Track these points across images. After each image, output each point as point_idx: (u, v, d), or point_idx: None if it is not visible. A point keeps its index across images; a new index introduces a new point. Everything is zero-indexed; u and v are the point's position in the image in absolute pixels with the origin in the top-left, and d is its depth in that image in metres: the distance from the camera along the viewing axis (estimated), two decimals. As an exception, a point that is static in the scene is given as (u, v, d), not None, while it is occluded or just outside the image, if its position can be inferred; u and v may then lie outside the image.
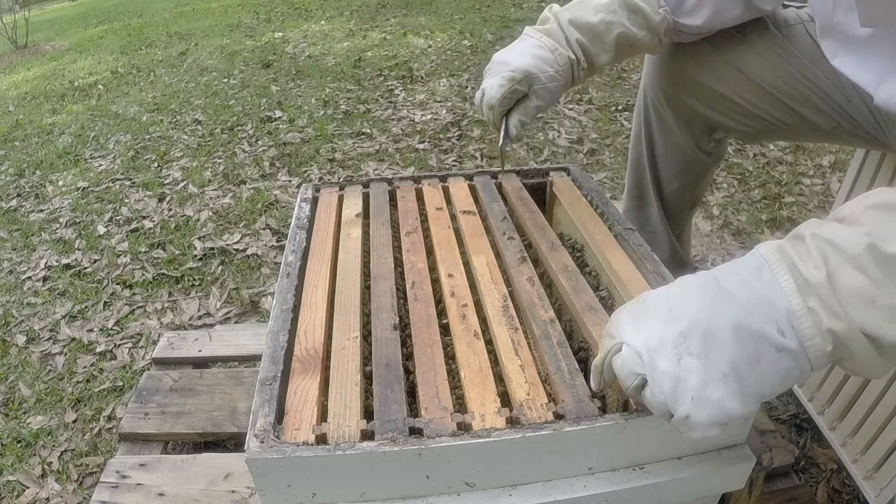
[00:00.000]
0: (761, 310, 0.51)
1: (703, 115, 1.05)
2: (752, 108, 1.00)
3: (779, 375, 0.52)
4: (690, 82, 1.03)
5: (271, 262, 1.89)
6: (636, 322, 0.55)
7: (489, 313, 0.76)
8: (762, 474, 0.66)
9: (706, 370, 0.51)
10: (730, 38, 0.99)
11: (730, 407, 0.51)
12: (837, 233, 0.52)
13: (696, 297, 0.54)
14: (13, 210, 2.42)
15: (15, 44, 5.89)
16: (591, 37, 0.94)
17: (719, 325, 0.51)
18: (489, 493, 0.60)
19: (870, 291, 0.49)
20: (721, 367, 0.51)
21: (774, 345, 0.51)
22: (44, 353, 1.62)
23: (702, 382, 0.51)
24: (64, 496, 1.22)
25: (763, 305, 0.52)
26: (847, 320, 0.49)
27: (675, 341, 0.52)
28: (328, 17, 5.27)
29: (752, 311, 0.51)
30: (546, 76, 0.92)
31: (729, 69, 0.99)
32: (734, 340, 0.51)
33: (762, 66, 0.97)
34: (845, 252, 0.50)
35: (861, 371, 0.53)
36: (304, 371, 0.67)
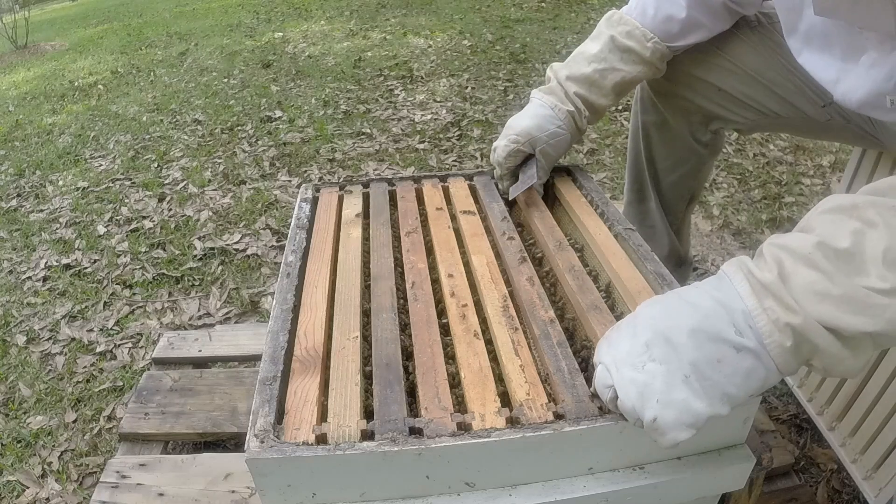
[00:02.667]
0: (718, 314, 0.54)
1: (699, 106, 1.07)
2: (746, 99, 1.01)
3: (741, 375, 0.53)
4: (686, 74, 1.04)
5: (271, 262, 1.89)
6: (609, 343, 0.59)
7: (489, 313, 0.76)
8: (762, 474, 0.66)
9: (669, 374, 0.54)
10: (724, 33, 1.01)
11: (695, 407, 0.53)
12: (790, 238, 0.55)
13: (658, 310, 0.58)
14: (13, 210, 2.42)
15: (15, 44, 5.88)
16: (587, 87, 1.00)
17: (678, 331, 0.55)
18: (489, 493, 0.60)
19: (822, 285, 0.51)
20: (683, 369, 0.54)
21: (733, 345, 0.53)
22: (44, 353, 1.62)
23: (666, 385, 0.53)
24: (64, 496, 1.22)
25: (720, 310, 0.54)
26: (803, 313, 0.51)
27: (639, 351, 0.56)
28: (328, 17, 5.27)
29: (708, 316, 0.54)
30: (547, 134, 0.99)
31: (723, 61, 1.01)
32: (693, 343, 0.54)
33: (755, 58, 0.99)
34: (797, 252, 0.53)
35: (833, 368, 0.54)
36: (304, 371, 0.67)
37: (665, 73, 1.06)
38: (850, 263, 0.51)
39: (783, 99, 0.98)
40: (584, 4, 4.72)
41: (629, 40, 0.97)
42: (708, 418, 0.54)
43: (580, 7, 4.66)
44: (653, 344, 0.55)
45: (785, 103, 0.99)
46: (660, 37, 0.97)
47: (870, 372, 0.97)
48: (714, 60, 1.01)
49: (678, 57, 1.03)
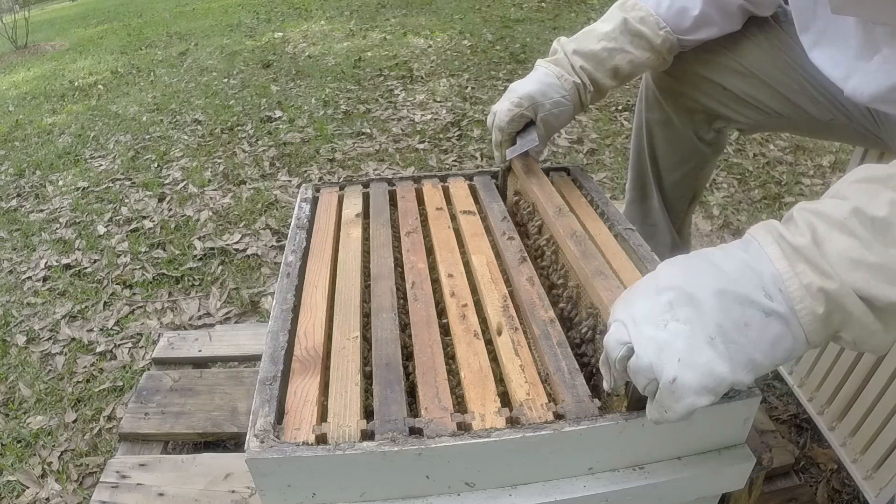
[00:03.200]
0: (747, 277, 0.51)
1: (703, 104, 1.07)
2: (750, 98, 1.02)
3: (768, 342, 0.51)
4: (690, 72, 1.05)
5: (271, 262, 1.89)
6: (627, 302, 0.56)
7: (489, 313, 0.76)
8: (762, 474, 0.66)
9: (693, 334, 0.50)
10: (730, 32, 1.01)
11: (719, 370, 0.50)
12: (823, 204, 0.52)
13: (681, 270, 0.54)
14: (13, 210, 2.42)
15: (15, 44, 5.88)
16: (594, 64, 0.99)
17: (704, 291, 0.51)
18: (489, 493, 0.60)
19: (858, 252, 0.49)
20: (708, 330, 0.50)
21: (762, 308, 0.50)
22: (44, 353, 1.62)
23: (689, 346, 0.50)
24: (64, 496, 1.22)
25: (748, 272, 0.51)
26: (838, 280, 0.49)
27: (661, 310, 0.52)
28: (328, 17, 5.26)
29: (737, 279, 0.51)
30: (551, 103, 0.98)
31: (728, 59, 1.01)
32: (719, 304, 0.51)
33: (760, 56, 0.99)
34: (831, 218, 0.51)
35: (863, 341, 0.51)
36: (304, 371, 0.67)
37: (670, 71, 1.06)
38: (887, 233, 0.49)
39: (786, 98, 0.99)
40: (584, 4, 4.73)
41: (642, 25, 0.97)
42: (730, 385, 0.51)
43: (580, 7, 4.67)
44: (676, 303, 0.52)
45: (788, 103, 0.99)
46: (671, 28, 0.97)
47: (870, 372, 0.97)
48: (719, 59, 1.02)
49: (684, 55, 1.04)
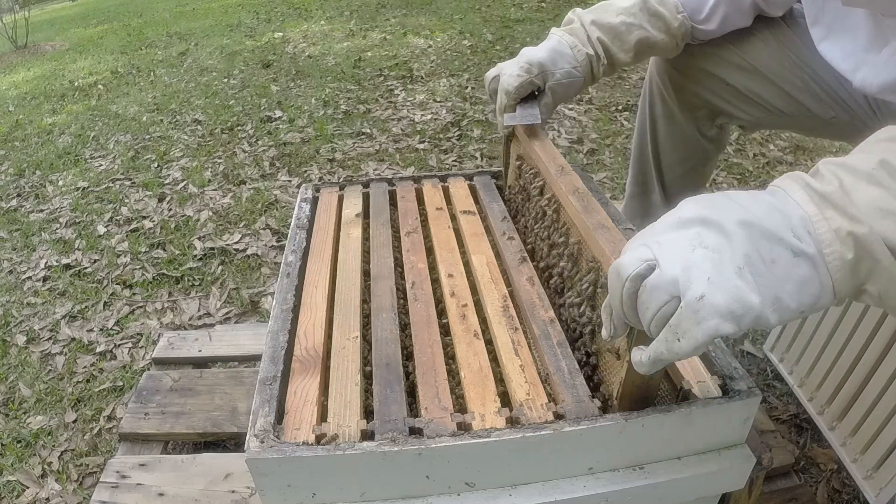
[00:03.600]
0: (774, 216, 0.49)
1: (706, 100, 1.08)
2: (752, 95, 1.03)
3: (795, 282, 0.48)
4: (695, 68, 1.06)
5: (271, 262, 1.89)
6: (646, 231, 0.53)
7: (489, 313, 0.75)
8: (762, 474, 0.66)
9: (721, 262, 0.47)
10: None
11: (749, 298, 0.47)
12: (848, 158, 0.51)
13: (705, 204, 0.51)
14: (13, 210, 2.42)
15: (15, 44, 5.88)
16: (611, 37, 0.99)
17: (731, 222, 0.49)
18: (489, 493, 0.60)
19: (886, 201, 0.48)
20: (736, 259, 0.48)
21: (790, 247, 0.48)
22: (44, 353, 1.62)
23: (718, 269, 0.47)
24: (64, 496, 1.22)
25: (776, 214, 0.50)
26: (868, 225, 0.47)
27: (689, 237, 0.49)
28: (328, 17, 5.26)
29: (763, 216, 0.49)
30: (561, 72, 0.96)
31: (733, 55, 1.02)
32: (747, 236, 0.48)
33: (765, 53, 1.01)
34: (858, 170, 0.50)
35: (888, 294, 0.49)
36: (304, 371, 0.67)
37: (676, 65, 1.07)
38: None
39: (789, 95, 1.00)
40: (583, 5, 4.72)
41: (661, 6, 0.98)
42: (756, 318, 0.47)
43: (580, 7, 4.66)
44: (704, 233, 0.49)
45: (791, 100, 1.00)
46: (688, 14, 0.98)
47: (870, 372, 0.97)
48: (724, 55, 1.03)
49: (690, 49, 1.05)
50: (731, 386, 0.63)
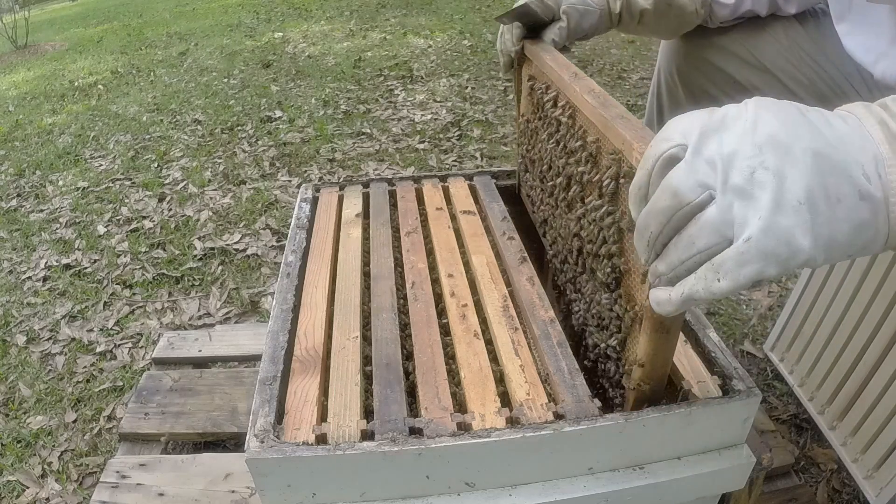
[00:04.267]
0: (846, 148, 0.45)
1: (712, 95, 1.09)
2: (755, 91, 1.04)
3: (854, 225, 0.44)
4: (703, 61, 1.07)
5: (271, 262, 1.89)
6: (704, 127, 0.46)
7: (489, 313, 0.75)
8: (762, 474, 0.66)
9: (781, 191, 0.43)
10: (745, 23, 1.04)
11: (799, 241, 0.43)
12: None
13: (774, 116, 0.46)
14: (13, 210, 2.42)
15: (15, 44, 5.88)
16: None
17: (800, 146, 0.44)
18: (489, 493, 0.60)
19: None
20: (797, 191, 0.43)
21: (858, 187, 0.44)
22: (44, 353, 1.62)
23: (774, 204, 0.43)
24: (64, 496, 1.22)
25: (849, 145, 0.45)
26: None
27: (750, 153, 0.44)
28: (328, 17, 5.27)
29: (836, 146, 0.45)
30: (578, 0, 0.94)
31: (741, 50, 1.03)
32: (814, 165, 0.44)
33: (775, 50, 1.01)
34: None
35: None
36: (304, 371, 0.67)
37: (684, 59, 1.09)
38: None
39: (794, 94, 1.01)
40: None
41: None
42: (804, 262, 0.44)
43: (580, 7, 4.66)
44: (766, 148, 0.44)
45: (794, 98, 1.01)
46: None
47: (871, 372, 0.97)
48: (733, 49, 1.04)
49: (699, 42, 1.06)
50: (731, 386, 0.63)
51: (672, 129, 0.47)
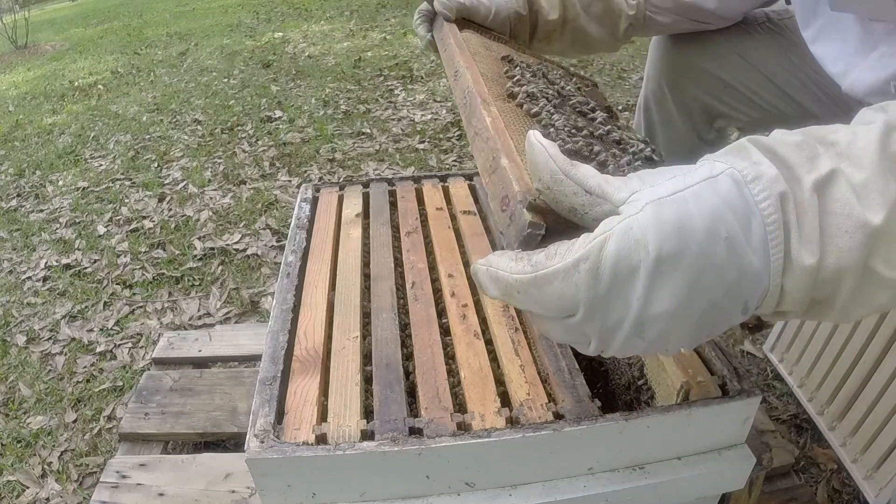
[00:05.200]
0: (739, 295, 0.42)
1: (705, 102, 1.08)
2: (752, 95, 1.03)
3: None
4: (693, 68, 1.06)
5: (271, 262, 1.89)
6: (590, 302, 0.41)
7: (489, 313, 0.76)
8: (762, 474, 0.66)
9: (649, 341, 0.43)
10: (734, 28, 1.03)
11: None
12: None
13: (670, 295, 0.40)
14: (13, 210, 2.42)
15: (15, 44, 5.89)
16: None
17: (689, 322, 0.42)
18: (489, 493, 0.60)
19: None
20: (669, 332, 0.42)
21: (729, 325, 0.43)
22: (44, 353, 1.62)
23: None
24: (64, 496, 1.22)
25: (744, 289, 0.42)
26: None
27: (633, 332, 0.42)
28: (328, 17, 5.27)
29: (728, 296, 0.41)
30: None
31: (731, 55, 1.02)
32: (696, 329, 0.43)
33: (764, 53, 1.01)
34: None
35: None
36: (304, 371, 0.67)
37: (673, 67, 1.07)
38: None
39: (788, 96, 1.00)
40: None
41: None
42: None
43: (580, 7, 4.66)
44: (654, 328, 0.42)
45: (791, 101, 1.00)
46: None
47: (870, 372, 0.97)
48: (723, 54, 1.03)
49: (687, 50, 1.04)
50: (731, 386, 0.63)
51: (555, 295, 0.42)
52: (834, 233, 0.40)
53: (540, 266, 0.42)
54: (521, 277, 0.43)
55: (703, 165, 0.43)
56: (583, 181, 0.43)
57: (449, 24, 0.89)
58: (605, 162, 0.60)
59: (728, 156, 0.43)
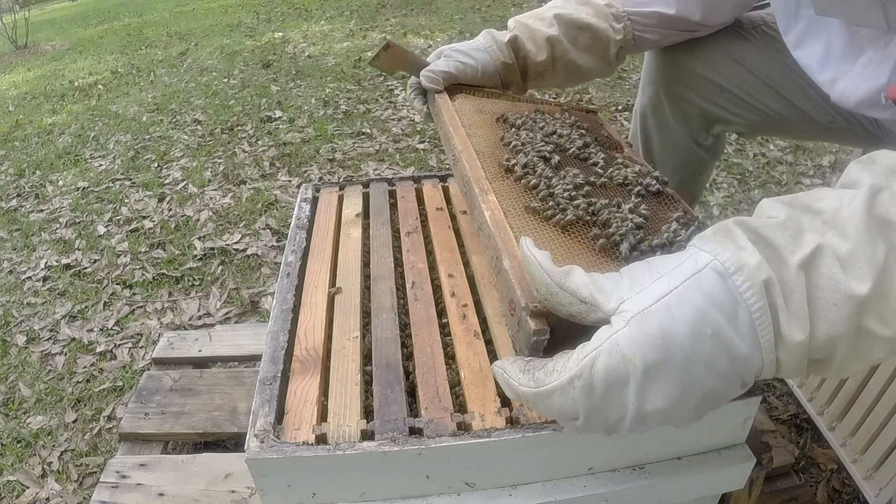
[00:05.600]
0: (729, 389, 0.45)
1: (701, 108, 1.07)
2: (749, 99, 1.01)
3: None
4: (689, 74, 1.04)
5: (271, 262, 1.89)
6: (588, 410, 0.45)
7: (489, 313, 0.76)
8: (762, 474, 0.66)
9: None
10: (729, 33, 1.02)
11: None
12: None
13: (663, 397, 0.44)
14: (13, 210, 2.42)
15: (15, 44, 5.89)
16: (533, 19, 0.97)
17: (685, 418, 0.46)
18: (489, 493, 0.60)
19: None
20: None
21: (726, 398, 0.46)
22: (44, 353, 1.62)
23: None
24: (64, 496, 1.22)
25: (733, 383, 0.45)
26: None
27: (633, 427, 0.46)
28: (328, 17, 5.27)
29: (720, 391, 0.45)
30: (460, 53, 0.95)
31: (727, 60, 1.01)
32: (693, 417, 0.46)
33: (759, 57, 0.99)
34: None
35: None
36: (304, 371, 0.67)
37: (669, 74, 1.06)
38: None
39: (786, 99, 0.99)
40: (584, 4, 4.72)
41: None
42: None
43: (580, 7, 4.66)
44: (654, 422, 0.46)
45: (788, 104, 0.99)
46: (619, 1, 0.98)
47: (870, 372, 0.97)
48: (719, 59, 1.01)
49: (682, 56, 1.03)
50: (731, 386, 0.63)
51: (556, 407, 0.47)
52: (822, 306, 0.43)
53: (540, 383, 0.47)
54: (526, 390, 0.48)
55: (688, 259, 0.45)
56: (576, 292, 0.46)
57: (440, 95, 0.91)
58: (609, 222, 0.65)
59: (713, 242, 0.45)
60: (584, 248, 0.63)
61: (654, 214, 0.68)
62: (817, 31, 0.83)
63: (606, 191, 0.73)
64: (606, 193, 0.72)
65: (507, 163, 0.76)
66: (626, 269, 0.48)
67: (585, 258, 0.61)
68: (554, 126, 0.86)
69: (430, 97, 0.95)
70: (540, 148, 0.78)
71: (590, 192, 0.71)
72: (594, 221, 0.65)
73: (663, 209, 0.70)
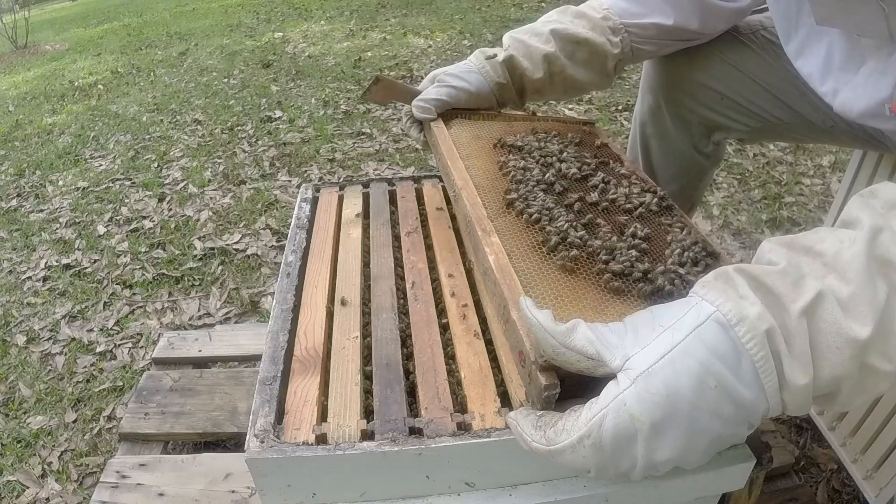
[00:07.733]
0: (736, 433, 0.47)
1: (701, 115, 1.06)
2: (749, 105, 1.01)
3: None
4: (688, 81, 1.04)
5: (271, 262, 1.89)
6: (599, 465, 0.48)
7: (489, 313, 0.76)
8: (762, 474, 0.66)
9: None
10: (727, 39, 1.01)
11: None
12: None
13: (670, 446, 0.46)
14: (13, 210, 2.42)
15: (15, 44, 5.88)
16: (528, 35, 0.97)
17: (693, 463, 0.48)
18: (489, 493, 0.60)
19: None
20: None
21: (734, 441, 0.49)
22: (44, 353, 1.62)
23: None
24: (64, 496, 1.22)
25: (738, 426, 0.47)
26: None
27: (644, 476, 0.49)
28: (328, 17, 5.27)
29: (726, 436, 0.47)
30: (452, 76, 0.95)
31: (726, 67, 1.00)
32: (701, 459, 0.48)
33: (759, 63, 0.98)
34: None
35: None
36: (304, 371, 0.67)
37: (668, 82, 1.05)
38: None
39: (786, 104, 0.98)
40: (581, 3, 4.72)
41: (584, 8, 0.97)
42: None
43: (580, 7, 4.66)
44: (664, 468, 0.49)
45: (788, 109, 0.98)
46: (616, 13, 0.97)
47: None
48: (718, 66, 1.01)
49: (681, 63, 1.03)
50: (731, 386, 0.63)
51: (567, 463, 0.49)
52: (825, 349, 0.44)
53: (552, 442, 0.48)
54: (539, 447, 0.49)
55: (690, 310, 0.47)
56: (582, 350, 0.48)
57: (435, 123, 0.93)
58: (612, 253, 0.67)
59: (715, 291, 0.46)
60: (590, 283, 0.64)
61: (656, 235, 0.71)
62: (817, 40, 0.82)
63: (608, 214, 0.76)
64: (608, 217, 0.75)
65: (508, 195, 0.77)
66: (630, 321, 0.49)
67: (592, 295, 0.62)
68: (551, 147, 0.87)
69: (425, 125, 0.96)
70: (539, 178, 0.79)
71: (591, 219, 0.73)
72: (597, 253, 0.67)
73: (665, 228, 0.74)
